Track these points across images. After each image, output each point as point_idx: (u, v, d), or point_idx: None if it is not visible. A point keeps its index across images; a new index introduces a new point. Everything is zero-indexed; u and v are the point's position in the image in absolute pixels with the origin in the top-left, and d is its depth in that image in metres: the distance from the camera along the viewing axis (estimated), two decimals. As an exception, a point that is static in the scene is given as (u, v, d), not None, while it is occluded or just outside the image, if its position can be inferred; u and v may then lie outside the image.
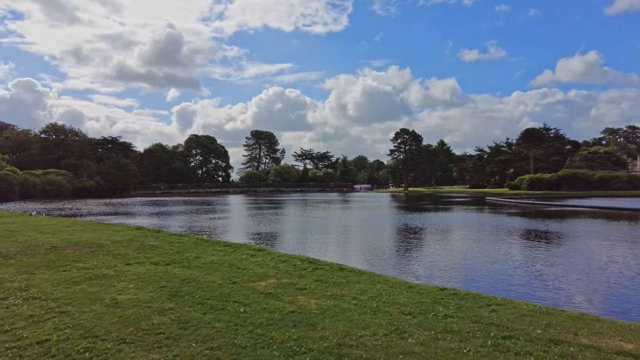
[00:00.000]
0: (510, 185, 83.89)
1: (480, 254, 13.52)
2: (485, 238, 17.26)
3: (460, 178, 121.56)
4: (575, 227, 21.37)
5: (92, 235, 14.27)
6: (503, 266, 11.42)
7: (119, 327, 4.93)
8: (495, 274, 10.44)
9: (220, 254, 10.39)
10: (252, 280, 7.54)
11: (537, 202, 42.03)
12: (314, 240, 17.71)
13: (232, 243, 12.48)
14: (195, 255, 10.17)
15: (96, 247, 11.48)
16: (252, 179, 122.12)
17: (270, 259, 9.71)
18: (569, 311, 5.89)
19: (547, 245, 15.37)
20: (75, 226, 17.64)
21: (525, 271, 10.72)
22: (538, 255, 13.19)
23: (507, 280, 9.74)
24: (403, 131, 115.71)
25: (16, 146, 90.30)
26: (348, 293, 6.64)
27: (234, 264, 9.04)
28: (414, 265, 11.80)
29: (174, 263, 9.33)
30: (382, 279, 7.79)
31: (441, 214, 30.82)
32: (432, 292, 6.82)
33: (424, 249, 14.94)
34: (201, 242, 12.67)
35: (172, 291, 6.68)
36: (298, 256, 10.14)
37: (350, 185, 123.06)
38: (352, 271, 8.39)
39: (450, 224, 23.46)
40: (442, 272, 10.67)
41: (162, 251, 10.92)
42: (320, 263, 9.21)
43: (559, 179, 74.85)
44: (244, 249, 11.19)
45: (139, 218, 29.20)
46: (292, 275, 7.97)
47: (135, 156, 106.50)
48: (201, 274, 8.05)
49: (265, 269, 8.48)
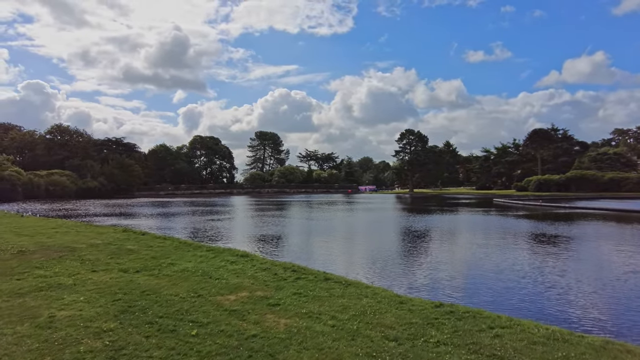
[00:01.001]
0: (517, 187, 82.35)
1: (486, 261, 12.50)
2: (492, 243, 16.22)
3: (466, 179, 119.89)
4: (586, 231, 20.23)
5: (71, 237, 13.47)
6: (509, 276, 10.41)
7: (33, 357, 4.03)
8: (501, 285, 9.43)
9: (197, 260, 9.51)
10: (221, 292, 6.63)
11: (546, 204, 40.75)
12: (309, 244, 16.79)
13: (215, 247, 11.59)
14: (170, 262, 9.30)
15: (68, 251, 10.65)
16: (256, 180, 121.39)
17: (251, 266, 8.80)
18: (590, 337, 4.88)
19: (557, 251, 14.31)
20: (60, 228, 16.88)
21: (534, 282, 9.69)
22: (548, 263, 12.15)
23: (513, 293, 8.73)
24: (408, 132, 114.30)
25: (22, 147, 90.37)
26: (327, 310, 5.70)
27: (208, 272, 8.14)
28: (411, 273, 10.82)
29: (144, 270, 8.47)
30: (370, 291, 6.84)
31: (446, 216, 29.75)
32: (426, 309, 5.86)
33: (425, 254, 13.94)
34: (183, 246, 11.80)
35: (124, 306, 5.79)
36: (282, 263, 9.22)
37: (354, 186, 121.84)
38: (338, 282, 7.44)
39: (456, 227, 22.41)
40: (442, 282, 9.68)
41: (137, 256, 10.07)
42: (305, 272, 8.28)
43: (567, 180, 73.28)
44: (226, 254, 10.30)
45: (135, 219, 28.45)
46: (269, 286, 7.04)
47: (139, 157, 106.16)
48: (167, 284, 7.16)
49: (240, 279, 7.56)
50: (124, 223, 25.30)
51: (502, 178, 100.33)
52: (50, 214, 31.68)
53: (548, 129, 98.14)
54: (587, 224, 23.62)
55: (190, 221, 26.97)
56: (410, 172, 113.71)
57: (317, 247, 15.85)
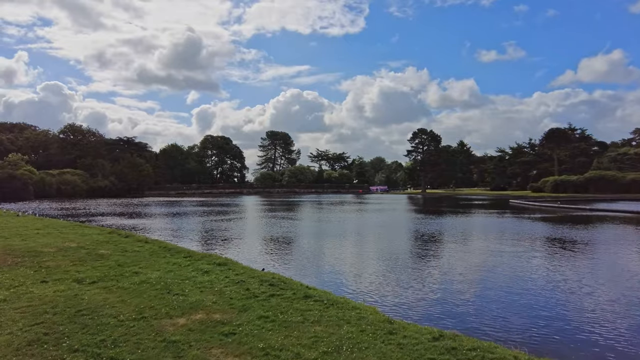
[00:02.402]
0: (533, 188, 79.87)
1: (500, 271, 11.09)
2: (508, 250, 14.76)
3: (480, 180, 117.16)
4: (611, 236, 18.55)
5: (47, 240, 12.48)
6: (528, 292, 9.01)
7: None
8: (520, 304, 8.05)
9: (167, 269, 8.36)
10: (172, 314, 5.43)
11: (564, 206, 38.77)
12: (307, 248, 15.55)
13: (196, 253, 10.43)
14: (136, 270, 8.17)
15: (31, 256, 9.60)
16: (266, 179, 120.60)
17: (224, 277, 7.60)
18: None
19: (582, 261, 12.82)
20: (45, 229, 15.96)
21: (557, 302, 8.26)
22: (571, 275, 10.68)
23: (532, 316, 7.35)
24: (421, 131, 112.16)
25: (36, 146, 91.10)
26: (292, 344, 4.45)
27: (170, 285, 6.96)
28: (413, 287, 9.48)
29: (102, 280, 7.35)
30: (355, 315, 5.55)
31: (460, 219, 28.20)
32: (421, 342, 4.57)
33: (432, 263, 12.58)
34: (161, 251, 10.66)
35: (39, 333, 4.62)
36: (262, 274, 7.99)
37: (365, 186, 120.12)
38: (320, 300, 6.18)
39: (469, 231, 20.90)
40: (447, 300, 8.32)
41: (104, 263, 8.96)
42: (284, 286, 7.04)
43: (585, 181, 70.66)
44: (202, 262, 9.12)
45: (138, 219, 27.59)
46: (233, 306, 5.82)
47: (150, 156, 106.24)
48: (115, 301, 6.00)
49: (203, 295, 6.36)
50: (126, 223, 24.50)
51: (517, 179, 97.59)
52: (52, 214, 31.06)
53: (565, 129, 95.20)
54: (612, 228, 21.87)
55: (193, 221, 26.00)
56: (422, 172, 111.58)
57: (316, 251, 14.61)
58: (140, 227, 22.33)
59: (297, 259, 13.01)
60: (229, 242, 16.87)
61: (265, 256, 13.46)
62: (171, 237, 18.35)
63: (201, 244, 16.22)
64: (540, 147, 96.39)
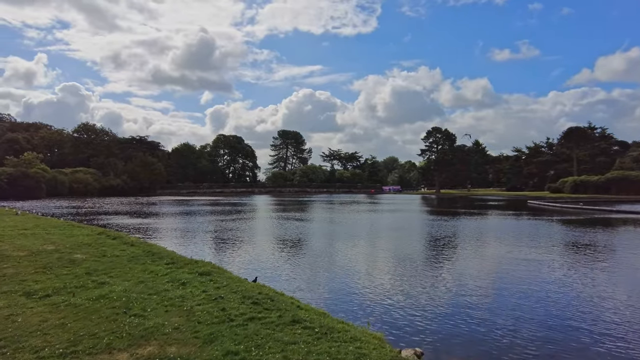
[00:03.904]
0: (551, 188, 77.28)
1: (527, 287, 9.65)
2: (531, 257, 13.27)
3: (495, 180, 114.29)
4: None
5: (24, 242, 11.47)
6: (563, 315, 7.60)
7: None
8: (548, 333, 6.65)
9: (140, 278, 7.17)
10: (113, 346, 4.19)
11: (587, 207, 36.70)
12: (311, 252, 14.28)
13: (181, 259, 9.20)
14: (104, 280, 7.00)
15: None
16: (278, 179, 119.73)
17: (202, 291, 6.36)
18: None
19: (625, 274, 11.29)
20: (34, 229, 15.03)
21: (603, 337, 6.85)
22: (619, 295, 9.20)
23: (564, 349, 5.95)
24: (435, 130, 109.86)
25: (51, 145, 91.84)
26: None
27: (134, 300, 5.75)
28: (424, 308, 8.13)
29: (57, 294, 6.19)
30: (353, 350, 4.24)
31: (478, 221, 26.60)
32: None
33: (447, 275, 11.18)
34: (142, 256, 9.47)
35: None
36: (248, 288, 6.71)
37: (378, 186, 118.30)
38: (310, 328, 4.87)
39: (489, 235, 19.37)
40: (464, 328, 6.96)
41: (71, 271, 7.83)
42: (271, 304, 5.74)
43: (607, 181, 67.92)
44: (184, 270, 7.90)
45: (140, 218, 26.70)
46: (199, 335, 4.55)
47: (162, 155, 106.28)
48: (55, 324, 4.80)
49: (168, 316, 5.12)
50: (129, 222, 23.68)
51: (534, 179, 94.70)
52: (57, 212, 30.44)
53: (585, 128, 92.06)
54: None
55: (198, 221, 24.98)
56: (436, 172, 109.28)
57: (320, 256, 13.32)
58: (143, 227, 21.38)
59: (298, 265, 11.74)
60: (228, 244, 15.70)
61: (264, 261, 12.23)
62: (171, 238, 17.32)
63: (199, 246, 15.09)
64: (559, 146, 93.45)
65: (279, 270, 11.05)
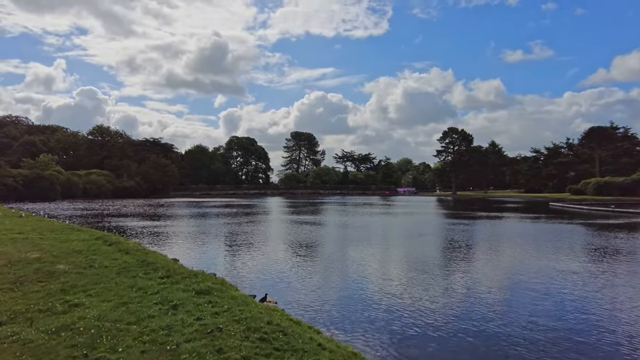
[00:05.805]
0: (572, 190, 74.79)
1: (567, 311, 8.49)
2: (565, 266, 12.05)
3: (513, 182, 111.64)
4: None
5: (9, 249, 10.53)
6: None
7: None
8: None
9: (125, 297, 6.14)
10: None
11: (620, 210, 34.77)
12: (327, 259, 13.27)
13: (179, 271, 8.19)
14: (79, 301, 5.91)
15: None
16: (291, 180, 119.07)
17: (195, 319, 5.32)
18: None
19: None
20: (29, 232, 14.29)
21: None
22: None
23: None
24: (451, 130, 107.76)
25: (66, 147, 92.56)
26: None
27: (104, 333, 4.69)
28: (439, 338, 7.05)
29: (13, 321, 5.10)
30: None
31: (501, 225, 25.26)
32: None
33: (465, 291, 10.06)
34: (135, 266, 8.51)
35: None
36: (255, 313, 5.69)
37: (392, 188, 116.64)
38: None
39: (514, 241, 18.10)
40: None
41: (45, 287, 6.83)
42: (284, 340, 4.69)
43: (633, 183, 65.34)
44: (180, 286, 6.90)
45: (149, 221, 26.05)
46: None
47: (176, 157, 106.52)
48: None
49: (141, 356, 4.14)
50: (137, 224, 23.02)
51: (553, 180, 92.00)
52: (64, 214, 30.06)
53: (606, 127, 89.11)
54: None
55: (208, 224, 24.18)
56: (453, 174, 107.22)
57: (338, 264, 12.30)
58: (151, 230, 20.65)
59: (313, 274, 10.73)
60: (238, 250, 14.78)
61: (276, 271, 11.25)
62: (178, 242, 16.49)
63: (206, 252, 14.21)
64: (579, 147, 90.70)
65: (293, 282, 10.06)
